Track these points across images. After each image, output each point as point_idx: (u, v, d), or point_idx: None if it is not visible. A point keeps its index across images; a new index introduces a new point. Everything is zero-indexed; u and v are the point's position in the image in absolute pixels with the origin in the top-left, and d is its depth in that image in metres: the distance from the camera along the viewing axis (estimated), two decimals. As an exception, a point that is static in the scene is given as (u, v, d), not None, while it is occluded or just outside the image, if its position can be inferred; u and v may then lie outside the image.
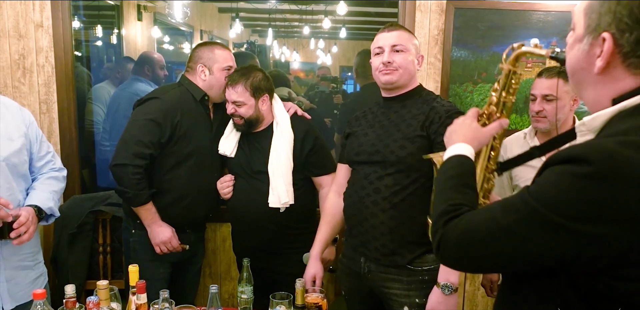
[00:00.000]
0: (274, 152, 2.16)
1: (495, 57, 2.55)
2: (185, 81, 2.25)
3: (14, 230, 1.72)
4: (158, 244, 2.18)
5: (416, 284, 1.78)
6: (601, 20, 0.91)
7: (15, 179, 1.82)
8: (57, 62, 2.56)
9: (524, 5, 2.51)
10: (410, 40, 1.83)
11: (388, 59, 1.79)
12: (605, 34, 0.89)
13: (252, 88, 2.11)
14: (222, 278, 2.85)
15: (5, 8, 2.51)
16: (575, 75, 0.99)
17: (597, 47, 0.91)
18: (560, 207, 0.85)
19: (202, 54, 2.23)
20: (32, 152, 1.92)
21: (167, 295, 1.55)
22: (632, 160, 0.82)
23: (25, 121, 1.91)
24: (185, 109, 2.18)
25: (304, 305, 1.68)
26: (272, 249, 2.23)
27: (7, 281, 1.81)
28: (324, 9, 4.24)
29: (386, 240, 1.77)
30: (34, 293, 1.38)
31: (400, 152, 1.75)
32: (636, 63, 0.89)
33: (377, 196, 1.78)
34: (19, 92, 2.58)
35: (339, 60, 5.43)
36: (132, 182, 2.09)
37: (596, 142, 0.88)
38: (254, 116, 2.16)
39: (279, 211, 2.16)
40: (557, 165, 0.88)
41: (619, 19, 0.88)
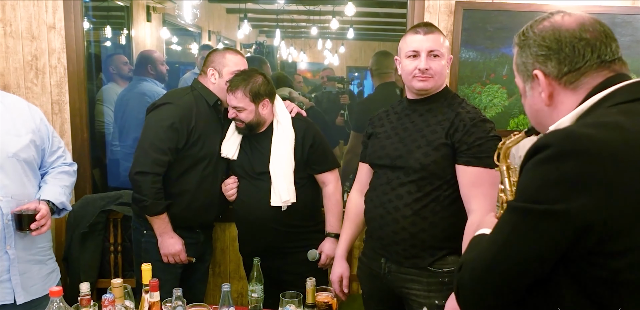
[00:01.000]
0: (275, 151, 2.18)
1: (503, 58, 2.56)
2: (198, 85, 2.27)
3: (35, 222, 1.76)
4: (167, 255, 2.21)
5: (436, 286, 1.77)
6: (527, 66, 1.06)
7: (26, 174, 1.87)
8: (69, 63, 2.59)
9: (533, 6, 2.52)
10: (444, 43, 1.79)
11: (425, 66, 1.74)
12: (535, 71, 1.04)
13: (251, 94, 2.12)
14: (230, 277, 2.87)
15: (18, 10, 2.55)
16: (537, 118, 1.10)
17: (537, 86, 1.05)
18: (534, 194, 0.90)
19: (213, 57, 2.25)
20: (43, 147, 1.96)
21: (180, 293, 1.58)
22: (592, 137, 0.88)
23: (35, 118, 1.95)
24: (199, 113, 2.20)
25: (315, 304, 1.69)
26: (277, 249, 2.25)
27: (21, 274, 1.84)
28: (332, 9, 4.25)
29: (407, 245, 1.77)
30: (51, 291, 1.41)
31: (424, 159, 1.74)
32: (569, 78, 1.01)
33: (399, 202, 1.77)
34: (32, 92, 2.61)
35: (346, 60, 5.44)
36: (152, 191, 2.12)
37: (556, 129, 0.96)
38: (254, 121, 2.18)
39: (282, 210, 2.17)
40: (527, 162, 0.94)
41: (535, 56, 1.03)
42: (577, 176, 0.86)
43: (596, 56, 1.00)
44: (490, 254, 0.97)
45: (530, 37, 1.04)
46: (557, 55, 1.01)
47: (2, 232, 1.78)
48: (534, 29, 1.05)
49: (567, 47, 1.00)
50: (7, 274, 1.81)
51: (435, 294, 1.78)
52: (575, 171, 0.87)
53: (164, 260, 2.22)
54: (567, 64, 1.01)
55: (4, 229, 1.78)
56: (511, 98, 2.60)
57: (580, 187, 0.86)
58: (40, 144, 1.94)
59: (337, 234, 2.25)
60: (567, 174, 0.87)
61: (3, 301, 1.81)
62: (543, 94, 1.03)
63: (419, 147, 1.77)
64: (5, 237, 1.79)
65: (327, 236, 2.27)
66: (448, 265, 1.77)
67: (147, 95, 3.15)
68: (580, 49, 1.00)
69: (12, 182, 1.81)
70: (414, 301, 1.81)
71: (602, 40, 1.01)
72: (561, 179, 0.87)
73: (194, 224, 2.30)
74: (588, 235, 0.87)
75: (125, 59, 3.50)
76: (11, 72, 2.59)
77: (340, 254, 2.06)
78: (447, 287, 1.77)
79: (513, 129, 2.62)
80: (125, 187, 2.82)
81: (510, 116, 2.62)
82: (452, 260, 1.78)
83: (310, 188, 2.27)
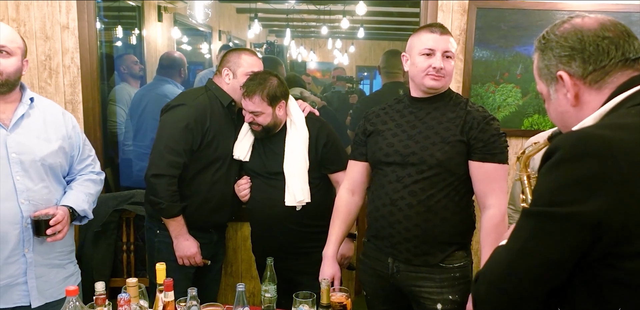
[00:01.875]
0: (289, 151, 2.17)
1: (517, 57, 2.54)
2: (212, 86, 2.26)
3: (50, 228, 1.76)
4: (182, 257, 2.21)
5: (448, 281, 1.80)
6: (550, 69, 1.06)
7: (49, 180, 1.87)
8: (83, 63, 2.60)
9: (548, 4, 2.49)
10: (455, 46, 1.84)
11: (441, 65, 1.77)
12: (559, 72, 1.04)
13: (269, 98, 2.11)
14: (242, 277, 2.88)
15: (32, 10, 2.56)
16: (563, 121, 1.10)
17: (562, 88, 1.05)
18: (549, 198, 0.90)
19: (229, 58, 2.25)
20: (72, 154, 1.97)
21: (195, 293, 1.57)
22: (605, 138, 0.88)
23: (67, 125, 1.96)
24: (213, 114, 2.20)
25: (330, 305, 1.68)
26: (291, 249, 2.24)
27: (37, 278, 1.84)
28: (342, 9, 4.24)
29: (419, 242, 1.78)
30: (67, 290, 1.41)
31: (442, 156, 1.75)
32: (594, 77, 1.02)
33: (412, 199, 1.77)
34: (45, 92, 2.62)
35: (355, 60, 5.43)
36: (168, 193, 2.12)
37: (569, 132, 0.96)
38: (271, 124, 2.17)
39: (296, 210, 2.17)
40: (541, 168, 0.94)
41: (559, 57, 1.04)
42: (591, 177, 0.86)
43: (620, 54, 1.00)
44: (506, 262, 0.96)
45: (552, 39, 1.05)
46: (581, 55, 1.01)
47: (20, 234, 1.78)
48: (555, 31, 1.06)
49: (591, 46, 1.01)
50: (24, 277, 1.81)
51: (448, 290, 1.79)
52: (589, 172, 0.86)
53: (179, 263, 2.22)
54: (591, 62, 1.01)
55: (23, 232, 1.78)
56: (525, 97, 2.58)
57: (595, 188, 0.85)
58: (69, 150, 1.95)
59: (351, 233, 2.25)
60: (581, 175, 0.87)
61: (18, 303, 1.82)
62: (569, 95, 1.04)
63: (434, 144, 1.77)
64: (24, 240, 1.79)
65: None
66: (457, 260, 1.81)
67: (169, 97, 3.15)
68: (604, 47, 1.00)
69: (36, 186, 1.81)
70: (426, 299, 1.81)
71: (624, 39, 1.01)
72: (575, 181, 0.87)
73: (207, 225, 2.30)
74: (605, 236, 0.86)
75: (135, 59, 3.51)
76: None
77: (331, 254, 2.00)
78: (459, 281, 1.81)
79: (527, 128, 2.60)
80: (137, 186, 2.83)
81: (525, 116, 2.60)
82: (461, 255, 1.82)
83: (324, 188, 2.27)
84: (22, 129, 1.82)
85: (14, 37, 1.79)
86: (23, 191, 1.77)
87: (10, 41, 1.77)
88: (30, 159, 1.80)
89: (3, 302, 1.79)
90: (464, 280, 1.81)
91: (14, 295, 1.81)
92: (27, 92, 1.88)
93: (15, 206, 1.76)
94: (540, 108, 2.59)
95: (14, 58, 1.78)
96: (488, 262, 1.02)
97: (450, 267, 1.80)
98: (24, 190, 1.78)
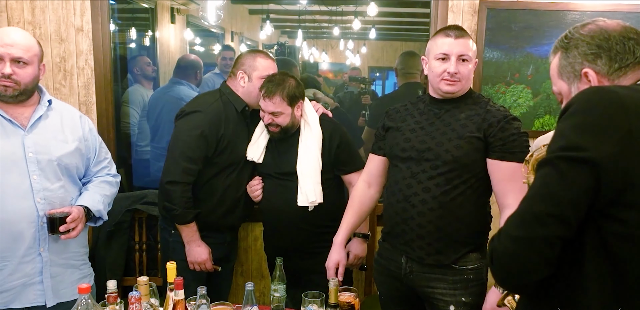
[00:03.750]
0: (303, 151, 2.18)
1: (528, 58, 2.53)
2: (227, 90, 2.27)
3: (64, 225, 1.80)
4: (193, 263, 2.23)
5: (462, 283, 1.79)
6: (574, 66, 1.12)
7: (66, 180, 1.91)
8: (96, 64, 2.64)
9: (559, 5, 2.48)
10: (472, 48, 1.82)
11: (455, 70, 1.76)
12: (585, 69, 1.10)
13: (288, 98, 2.13)
14: (253, 276, 2.89)
15: (47, 13, 2.61)
16: None
17: (585, 85, 1.11)
18: (563, 144, 0.96)
19: (244, 60, 2.25)
20: (88, 156, 2.00)
21: (205, 292, 1.59)
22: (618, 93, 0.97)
23: (84, 127, 2.00)
24: (228, 120, 2.21)
25: (337, 304, 1.70)
26: (303, 248, 2.26)
27: (52, 277, 1.88)
28: (354, 9, 4.25)
29: (432, 239, 1.77)
30: (79, 287, 1.43)
31: (456, 151, 1.75)
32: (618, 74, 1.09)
33: (426, 195, 1.77)
34: (60, 94, 2.67)
35: (367, 61, 5.43)
36: (182, 200, 2.14)
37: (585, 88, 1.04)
38: (290, 124, 2.18)
39: (308, 210, 2.18)
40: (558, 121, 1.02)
41: (584, 55, 1.10)
42: (602, 125, 0.94)
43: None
44: (521, 210, 1.00)
45: (577, 38, 1.12)
46: (608, 53, 1.08)
47: (36, 233, 1.82)
48: (579, 31, 1.13)
49: (618, 45, 1.08)
50: (40, 276, 1.85)
51: (461, 292, 1.79)
52: (600, 120, 0.94)
53: (190, 268, 2.24)
54: (617, 60, 1.08)
55: (38, 231, 1.82)
56: (536, 98, 2.57)
57: (605, 135, 0.93)
58: (85, 152, 1.98)
59: (364, 234, 2.26)
60: (593, 123, 0.94)
61: (34, 303, 1.85)
62: None
63: (450, 140, 1.77)
64: (40, 239, 1.83)
65: (355, 236, 2.27)
66: (471, 262, 1.79)
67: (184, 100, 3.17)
68: (630, 46, 1.08)
69: (52, 185, 1.85)
70: (439, 300, 1.80)
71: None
72: (587, 127, 0.94)
73: (220, 226, 2.33)
74: (610, 183, 0.92)
75: (148, 60, 3.55)
76: (40, 74, 2.65)
77: (340, 241, 2.02)
78: (472, 284, 1.79)
79: (538, 129, 2.58)
80: (149, 186, 2.87)
81: (535, 116, 2.59)
82: (475, 256, 1.80)
83: (336, 188, 2.28)
84: (39, 129, 1.86)
85: (30, 46, 1.81)
86: (39, 190, 1.81)
87: (27, 51, 1.79)
88: (47, 158, 1.84)
89: (19, 302, 1.83)
90: (478, 282, 1.80)
91: (30, 294, 1.84)
92: (45, 95, 1.92)
93: (32, 205, 1.80)
94: (551, 109, 2.58)
95: (31, 67, 1.81)
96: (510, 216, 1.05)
97: (463, 268, 1.79)
98: (40, 189, 1.81)
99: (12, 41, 1.76)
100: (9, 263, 1.79)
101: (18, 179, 1.78)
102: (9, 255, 1.79)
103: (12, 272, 1.80)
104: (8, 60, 1.76)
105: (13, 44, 1.76)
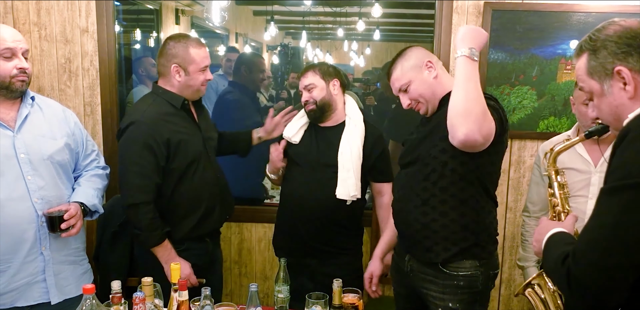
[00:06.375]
0: (345, 143, 2.18)
1: (533, 60, 2.52)
2: (159, 90, 2.11)
3: (65, 222, 1.81)
4: None
5: (451, 288, 1.77)
6: (605, 66, 1.15)
7: (60, 177, 1.91)
8: (101, 65, 2.66)
9: (564, 6, 2.47)
10: (405, 71, 1.82)
11: (405, 105, 1.86)
12: (618, 67, 1.13)
13: (321, 72, 2.20)
14: (257, 278, 2.90)
15: (53, 14, 2.62)
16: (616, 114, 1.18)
17: (618, 83, 1.14)
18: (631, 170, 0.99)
19: (175, 52, 2.05)
20: (77, 151, 2.01)
21: (209, 292, 1.60)
22: None
23: (69, 121, 2.00)
24: (169, 122, 2.05)
25: (342, 305, 1.70)
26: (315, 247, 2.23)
27: (55, 275, 1.89)
28: (358, 11, 4.25)
29: (420, 237, 1.79)
30: (84, 288, 1.44)
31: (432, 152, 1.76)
32: None
33: (410, 193, 1.81)
34: (65, 94, 2.68)
35: (371, 62, 5.42)
36: (146, 222, 2.00)
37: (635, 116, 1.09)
38: (326, 99, 2.19)
39: (337, 205, 2.16)
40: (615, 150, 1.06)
41: (615, 54, 1.14)
42: None
43: None
44: (603, 236, 1.01)
45: (604, 39, 1.16)
46: (639, 50, 1.12)
47: (37, 233, 1.83)
48: (605, 32, 1.17)
49: None
50: (43, 274, 1.86)
51: (449, 297, 1.78)
52: None
53: None
54: None
55: (39, 230, 1.83)
56: (541, 99, 2.56)
57: None
58: (74, 147, 1.99)
59: None
60: None
61: (38, 301, 1.87)
62: (629, 87, 1.13)
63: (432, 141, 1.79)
64: (40, 238, 1.84)
65: None
66: (465, 269, 1.76)
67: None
68: None
69: (47, 184, 1.86)
70: (431, 302, 1.82)
71: None
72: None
73: (202, 233, 2.18)
74: None
75: (153, 61, 3.56)
76: (45, 75, 2.67)
77: (377, 253, 2.15)
78: (463, 291, 1.77)
79: (543, 131, 2.58)
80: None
81: (540, 118, 2.58)
82: (470, 264, 1.77)
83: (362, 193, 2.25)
84: (27, 129, 1.85)
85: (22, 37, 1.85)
86: (35, 190, 1.82)
87: (26, 42, 1.83)
88: (38, 158, 1.84)
89: (24, 300, 1.84)
90: (470, 290, 1.77)
91: (34, 292, 1.86)
92: (28, 92, 1.90)
93: (30, 206, 1.81)
94: (556, 110, 2.57)
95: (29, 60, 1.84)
96: (581, 242, 1.06)
97: (454, 274, 1.76)
98: (36, 189, 1.82)
99: (19, 36, 1.80)
100: (12, 264, 1.80)
101: (13, 181, 1.78)
102: (11, 256, 1.80)
103: (15, 272, 1.81)
104: (20, 54, 1.78)
105: (20, 39, 1.80)
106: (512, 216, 2.70)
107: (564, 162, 1.99)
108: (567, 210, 1.60)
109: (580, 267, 1.03)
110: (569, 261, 1.06)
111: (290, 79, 4.23)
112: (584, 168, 2.00)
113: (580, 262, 1.03)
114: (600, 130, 1.50)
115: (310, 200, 2.18)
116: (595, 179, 1.97)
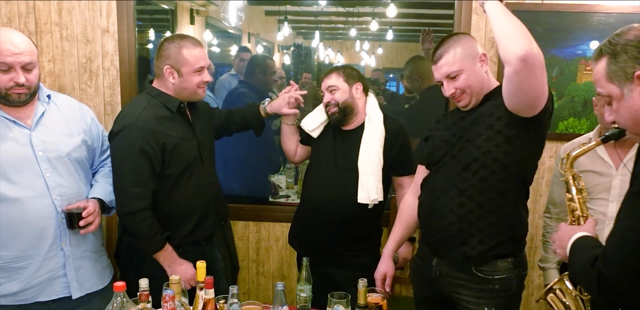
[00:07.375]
0: (365, 148, 2.18)
1: (553, 60, 2.52)
2: (154, 91, 2.05)
3: (83, 219, 1.84)
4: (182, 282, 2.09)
5: (486, 293, 1.76)
6: (625, 70, 1.16)
7: (78, 173, 1.94)
8: (122, 65, 2.68)
9: (584, 7, 2.47)
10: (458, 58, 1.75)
11: (449, 93, 1.79)
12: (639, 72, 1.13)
13: (344, 74, 2.21)
14: (274, 277, 2.90)
15: (74, 14, 2.64)
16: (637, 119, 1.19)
17: (638, 87, 1.15)
18: None
19: (168, 53, 2.00)
20: (94, 147, 2.03)
21: (237, 291, 1.61)
22: None
23: (86, 117, 2.02)
24: (165, 126, 1.99)
25: (367, 305, 1.70)
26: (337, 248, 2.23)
27: (76, 270, 1.92)
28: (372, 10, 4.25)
29: (455, 230, 1.76)
30: (115, 286, 1.46)
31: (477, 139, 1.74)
32: None
33: (447, 185, 1.79)
34: (85, 94, 2.70)
35: (382, 62, 5.42)
36: (144, 229, 1.95)
37: None
38: (348, 102, 2.20)
39: (366, 208, 2.17)
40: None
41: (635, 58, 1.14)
42: None
43: None
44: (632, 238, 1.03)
45: (624, 44, 1.17)
46: None
47: (57, 229, 1.86)
48: (624, 37, 1.18)
49: None
50: (63, 269, 1.89)
51: (485, 301, 1.76)
52: None
53: None
54: None
55: (59, 226, 1.86)
56: (560, 100, 2.56)
57: None
58: (91, 143, 2.01)
59: (412, 237, 2.26)
60: None
61: (60, 295, 1.90)
62: None
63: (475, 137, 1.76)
64: (61, 234, 1.87)
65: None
66: (499, 272, 1.75)
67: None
68: None
69: (66, 182, 1.88)
70: (464, 307, 1.80)
71: None
72: None
73: (197, 239, 2.14)
74: None
75: None
76: (66, 74, 2.69)
77: (387, 252, 2.08)
78: (499, 294, 1.76)
79: (562, 131, 2.57)
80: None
81: (560, 119, 2.57)
82: (504, 267, 1.76)
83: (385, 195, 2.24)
84: (44, 126, 1.87)
85: (32, 49, 1.81)
86: (55, 187, 1.84)
87: (32, 54, 1.80)
88: (56, 155, 1.86)
89: (46, 295, 1.88)
90: (505, 293, 1.76)
91: (56, 287, 1.89)
92: (44, 90, 1.92)
93: (50, 203, 1.83)
94: (575, 111, 2.57)
95: (36, 68, 1.83)
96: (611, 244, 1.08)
97: (489, 278, 1.75)
98: (55, 186, 1.84)
99: (18, 49, 1.75)
100: (34, 260, 1.84)
101: (33, 178, 1.81)
102: (33, 253, 1.83)
103: (37, 268, 1.84)
104: (19, 68, 1.76)
105: (21, 52, 1.75)
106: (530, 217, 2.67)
107: (585, 164, 1.99)
108: (586, 214, 1.60)
109: (611, 269, 1.04)
110: (599, 263, 1.07)
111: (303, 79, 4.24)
112: (605, 171, 2.00)
113: (611, 263, 1.04)
114: (616, 134, 1.51)
115: (332, 204, 2.19)
116: (617, 182, 1.97)
